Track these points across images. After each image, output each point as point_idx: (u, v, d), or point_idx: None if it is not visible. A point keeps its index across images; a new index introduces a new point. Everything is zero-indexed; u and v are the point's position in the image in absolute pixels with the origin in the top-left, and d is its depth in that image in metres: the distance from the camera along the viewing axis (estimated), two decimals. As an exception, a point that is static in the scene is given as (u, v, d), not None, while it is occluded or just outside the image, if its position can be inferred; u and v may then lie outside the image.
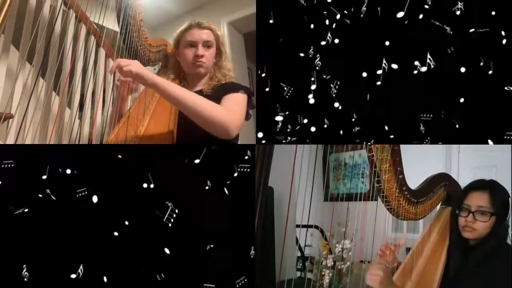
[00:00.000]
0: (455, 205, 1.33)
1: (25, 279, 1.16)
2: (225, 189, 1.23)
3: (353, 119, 1.36)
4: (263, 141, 1.37)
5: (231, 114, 1.38)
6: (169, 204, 1.21)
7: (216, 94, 1.51)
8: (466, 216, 1.25)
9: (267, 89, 1.40)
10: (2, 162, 1.19)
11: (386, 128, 1.35)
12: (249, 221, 1.20)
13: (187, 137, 1.43)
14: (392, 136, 1.34)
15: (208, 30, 1.61)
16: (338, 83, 1.35)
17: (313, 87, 1.37)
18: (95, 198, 1.22)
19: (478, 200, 1.24)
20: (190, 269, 1.21)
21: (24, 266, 1.16)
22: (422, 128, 1.34)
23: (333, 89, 1.37)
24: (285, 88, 1.36)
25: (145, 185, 1.23)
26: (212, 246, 1.21)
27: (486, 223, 1.22)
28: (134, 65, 1.26)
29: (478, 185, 1.28)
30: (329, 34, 1.35)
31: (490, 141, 1.28)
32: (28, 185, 1.21)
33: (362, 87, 1.37)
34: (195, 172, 1.25)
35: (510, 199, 1.26)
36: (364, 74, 1.36)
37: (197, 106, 1.31)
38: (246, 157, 1.23)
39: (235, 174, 1.24)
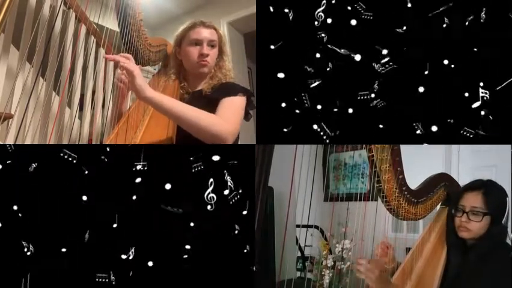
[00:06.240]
0: (451, 205, 1.35)
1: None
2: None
3: (354, 119, 1.35)
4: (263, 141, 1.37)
5: (227, 124, 1.38)
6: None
7: (215, 94, 1.51)
8: (461, 216, 1.26)
9: (267, 89, 1.39)
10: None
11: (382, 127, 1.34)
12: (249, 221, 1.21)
13: (187, 138, 1.43)
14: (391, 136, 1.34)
15: (212, 30, 1.61)
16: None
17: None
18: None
19: (472, 201, 1.25)
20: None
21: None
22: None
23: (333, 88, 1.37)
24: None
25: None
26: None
27: (480, 223, 1.22)
28: (137, 69, 1.24)
29: (473, 186, 1.29)
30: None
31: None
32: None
33: (361, 87, 1.37)
34: (196, 172, 1.24)
35: (508, 199, 1.26)
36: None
37: (193, 119, 1.31)
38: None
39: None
